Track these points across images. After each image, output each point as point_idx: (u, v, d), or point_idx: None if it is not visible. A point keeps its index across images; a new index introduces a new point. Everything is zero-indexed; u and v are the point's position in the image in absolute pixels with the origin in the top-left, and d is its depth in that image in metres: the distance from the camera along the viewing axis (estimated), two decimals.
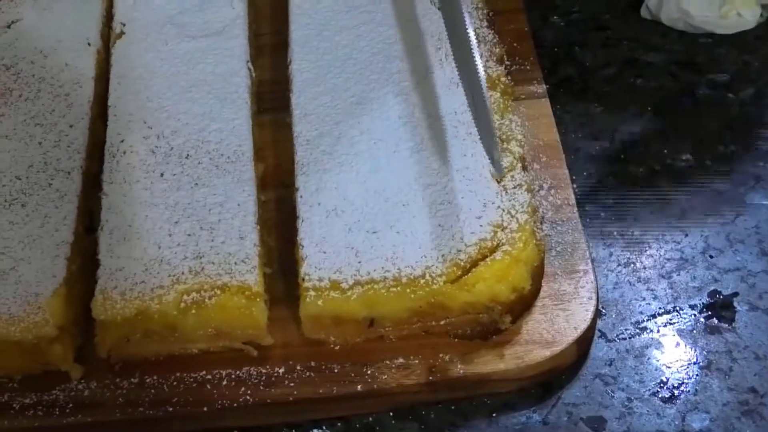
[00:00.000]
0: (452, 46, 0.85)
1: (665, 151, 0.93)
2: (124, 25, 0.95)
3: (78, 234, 0.81)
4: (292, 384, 0.77)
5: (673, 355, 0.80)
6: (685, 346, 0.81)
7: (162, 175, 0.83)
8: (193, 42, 0.93)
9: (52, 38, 0.94)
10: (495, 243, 0.78)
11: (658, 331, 0.81)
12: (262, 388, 0.77)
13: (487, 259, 0.77)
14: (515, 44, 0.98)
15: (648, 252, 0.86)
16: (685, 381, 0.78)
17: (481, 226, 0.79)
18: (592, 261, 0.83)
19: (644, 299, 0.83)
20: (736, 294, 0.83)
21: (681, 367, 0.79)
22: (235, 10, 0.95)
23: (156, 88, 0.89)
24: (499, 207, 0.80)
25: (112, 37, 0.94)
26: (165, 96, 0.88)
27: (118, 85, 0.90)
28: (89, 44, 0.93)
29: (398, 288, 0.76)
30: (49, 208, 0.81)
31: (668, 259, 0.85)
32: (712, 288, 0.84)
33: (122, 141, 0.85)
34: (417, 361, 0.77)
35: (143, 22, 0.94)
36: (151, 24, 0.94)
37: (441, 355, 0.78)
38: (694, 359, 0.80)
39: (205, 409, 0.76)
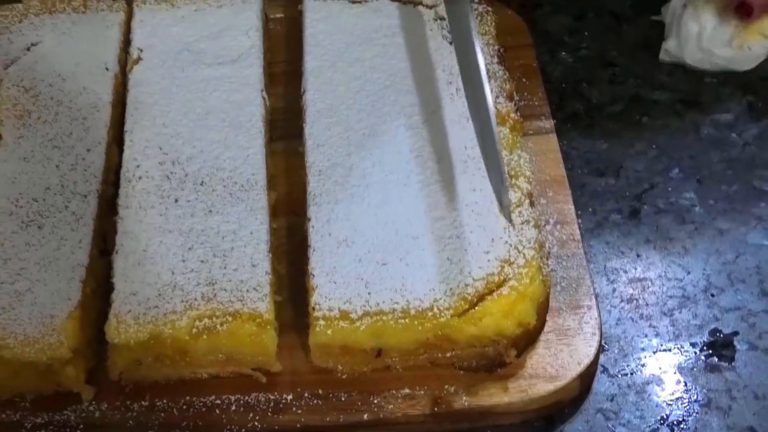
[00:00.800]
0: (466, 92, 0.86)
1: (669, 189, 0.95)
2: (141, 50, 0.96)
3: (93, 257, 0.83)
4: (299, 411, 0.79)
5: (673, 392, 0.82)
6: (686, 383, 0.82)
7: (177, 201, 0.85)
8: (209, 69, 0.94)
9: (70, 62, 0.95)
10: (502, 278, 0.79)
11: (659, 368, 0.83)
12: (270, 414, 0.79)
13: (494, 294, 0.79)
14: (524, 80, 0.99)
15: (650, 289, 0.88)
16: (685, 418, 0.80)
17: (488, 260, 0.80)
18: (596, 297, 0.84)
19: (646, 336, 0.85)
20: (736, 333, 0.85)
21: (681, 404, 0.81)
22: (250, 39, 0.97)
23: (172, 114, 0.91)
24: (506, 242, 0.81)
25: (129, 62, 0.96)
26: (181, 123, 0.90)
27: (135, 111, 0.91)
28: (107, 69, 0.95)
29: (406, 320, 0.78)
30: (65, 231, 0.83)
31: (670, 297, 0.87)
32: (712, 326, 0.85)
33: (138, 166, 0.87)
34: (422, 392, 0.79)
35: (160, 49, 0.96)
36: (168, 50, 0.96)
37: (446, 386, 0.79)
38: (695, 397, 0.81)
39: None
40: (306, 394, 0.79)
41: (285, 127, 0.96)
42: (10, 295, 0.79)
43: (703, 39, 1.01)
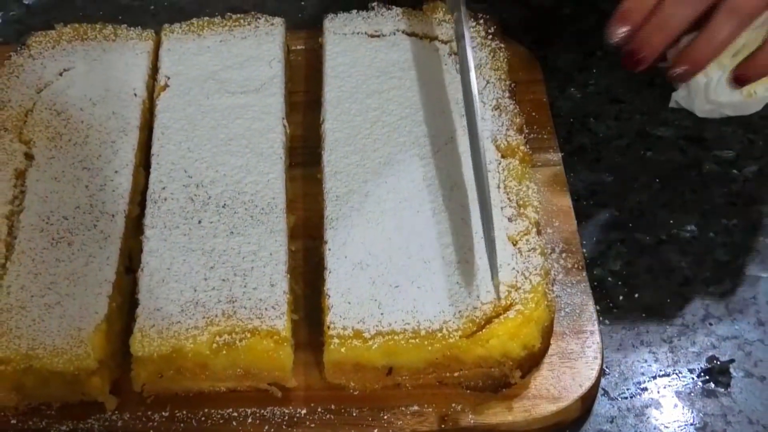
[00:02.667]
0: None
1: (671, 221, 0.98)
2: (168, 78, 1.00)
3: (119, 274, 0.87)
4: (312, 425, 0.82)
5: (671, 415, 0.85)
6: (683, 407, 0.85)
7: (200, 222, 0.89)
8: (233, 98, 0.98)
9: (100, 87, 0.99)
10: (509, 302, 0.83)
11: (658, 392, 0.86)
12: (284, 427, 0.82)
13: (501, 317, 0.82)
14: (534, 113, 1.03)
15: (651, 316, 0.91)
16: None
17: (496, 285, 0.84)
18: (599, 322, 0.88)
19: (646, 361, 0.88)
20: (732, 360, 0.88)
21: (678, 427, 0.84)
22: (272, 70, 1.01)
23: (197, 139, 0.95)
24: (514, 268, 0.85)
25: (156, 89, 1.00)
26: (205, 148, 0.94)
27: (162, 135, 0.95)
28: (135, 95, 0.99)
29: (417, 340, 0.81)
30: (93, 248, 0.87)
31: (670, 325, 0.90)
32: (710, 354, 0.89)
33: (164, 188, 0.91)
34: (430, 410, 0.82)
35: (187, 77, 1.00)
36: (195, 78, 1.00)
37: (453, 404, 0.83)
38: (691, 420, 0.84)
39: None
40: (319, 409, 0.83)
41: (303, 154, 1.00)
42: (40, 307, 0.83)
43: (710, 91, 1.03)
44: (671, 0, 0.86)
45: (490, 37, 1.04)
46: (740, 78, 0.92)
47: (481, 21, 1.05)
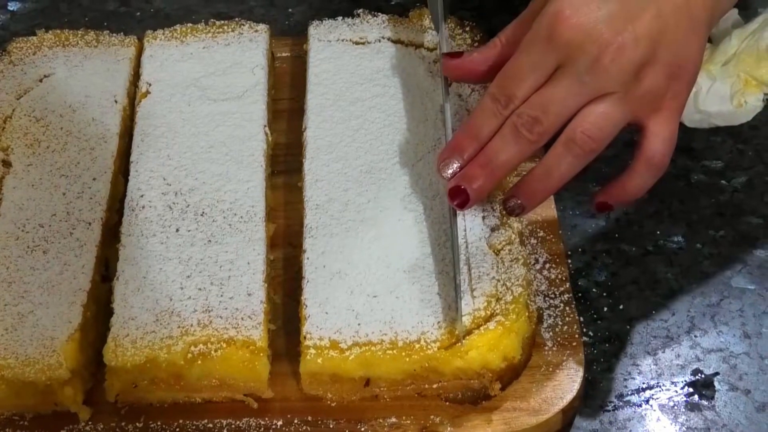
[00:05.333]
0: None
1: (658, 232, 0.97)
2: (150, 84, 0.99)
3: (94, 282, 0.86)
4: None
5: (654, 428, 0.84)
6: (667, 420, 0.84)
7: (178, 230, 0.88)
8: (214, 105, 0.97)
9: (81, 94, 0.99)
10: (489, 313, 0.82)
11: (641, 405, 0.85)
12: None
13: (481, 328, 0.81)
14: None
15: (636, 328, 0.90)
16: None
17: (476, 296, 0.83)
18: (582, 334, 0.86)
19: (629, 373, 0.87)
20: (717, 374, 0.87)
21: None
22: (255, 77, 1.00)
23: (177, 147, 0.94)
24: (495, 278, 0.84)
25: (137, 96, 0.99)
26: (185, 155, 0.93)
27: (141, 142, 0.94)
28: (116, 101, 0.98)
29: (394, 351, 0.80)
30: (68, 257, 0.86)
31: (654, 337, 0.89)
32: (694, 366, 0.87)
33: (142, 196, 0.90)
34: (409, 422, 0.81)
35: (169, 83, 0.99)
36: (176, 85, 0.99)
37: (432, 416, 0.81)
38: None
39: None
40: (295, 421, 0.81)
41: (286, 162, 0.99)
42: (13, 316, 0.82)
43: (699, 100, 1.02)
44: (499, 135, 0.81)
45: (476, 44, 1.03)
46: (600, 207, 0.85)
47: (467, 28, 1.04)
